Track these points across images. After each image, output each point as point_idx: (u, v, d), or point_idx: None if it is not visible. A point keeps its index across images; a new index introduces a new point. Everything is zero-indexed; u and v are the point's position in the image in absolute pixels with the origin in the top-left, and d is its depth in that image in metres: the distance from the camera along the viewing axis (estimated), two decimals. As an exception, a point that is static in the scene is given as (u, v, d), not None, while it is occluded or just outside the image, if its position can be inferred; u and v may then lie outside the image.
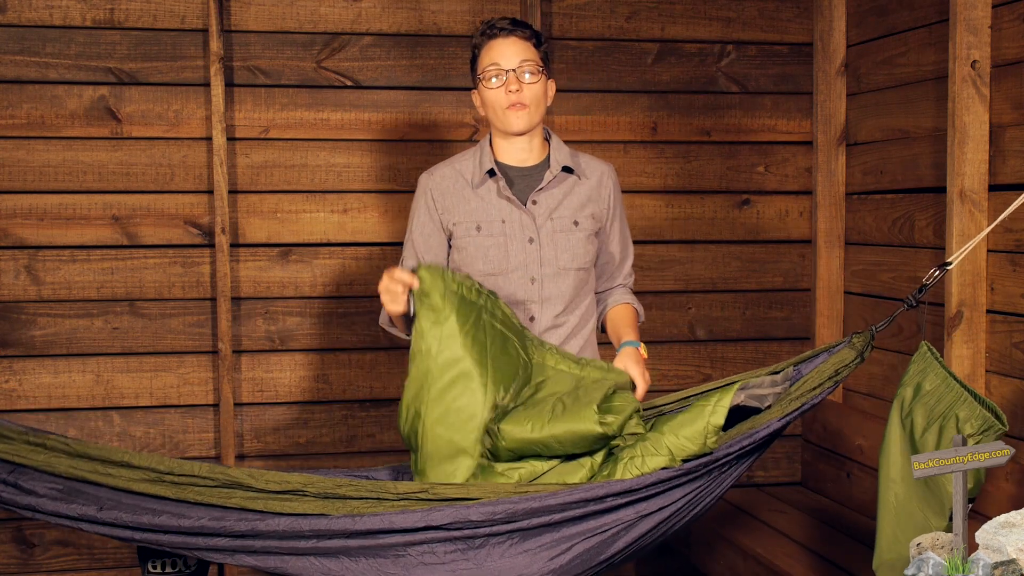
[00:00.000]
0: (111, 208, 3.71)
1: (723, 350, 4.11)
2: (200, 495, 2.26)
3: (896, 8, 3.67)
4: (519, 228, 2.67)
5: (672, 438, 2.27)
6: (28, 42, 3.64)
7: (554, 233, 2.68)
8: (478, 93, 2.70)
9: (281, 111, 3.79)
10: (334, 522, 2.18)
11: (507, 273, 2.67)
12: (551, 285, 2.68)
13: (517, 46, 2.64)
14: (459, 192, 2.71)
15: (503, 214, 2.68)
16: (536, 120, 2.68)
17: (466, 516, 2.17)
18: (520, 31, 2.66)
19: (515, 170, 2.72)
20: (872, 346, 2.43)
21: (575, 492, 2.21)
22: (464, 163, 2.74)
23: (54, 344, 3.69)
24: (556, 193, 2.70)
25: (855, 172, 3.95)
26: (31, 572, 3.74)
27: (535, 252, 2.67)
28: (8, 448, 2.26)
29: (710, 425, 2.27)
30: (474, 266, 2.68)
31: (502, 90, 2.63)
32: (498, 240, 2.67)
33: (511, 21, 2.68)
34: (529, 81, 2.64)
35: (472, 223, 2.68)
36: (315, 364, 3.86)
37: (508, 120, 2.65)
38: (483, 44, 2.67)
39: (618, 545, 2.27)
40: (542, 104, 2.68)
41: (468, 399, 2.39)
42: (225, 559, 2.23)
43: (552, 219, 2.68)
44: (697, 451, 2.27)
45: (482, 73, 2.66)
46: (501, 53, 2.64)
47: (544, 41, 2.71)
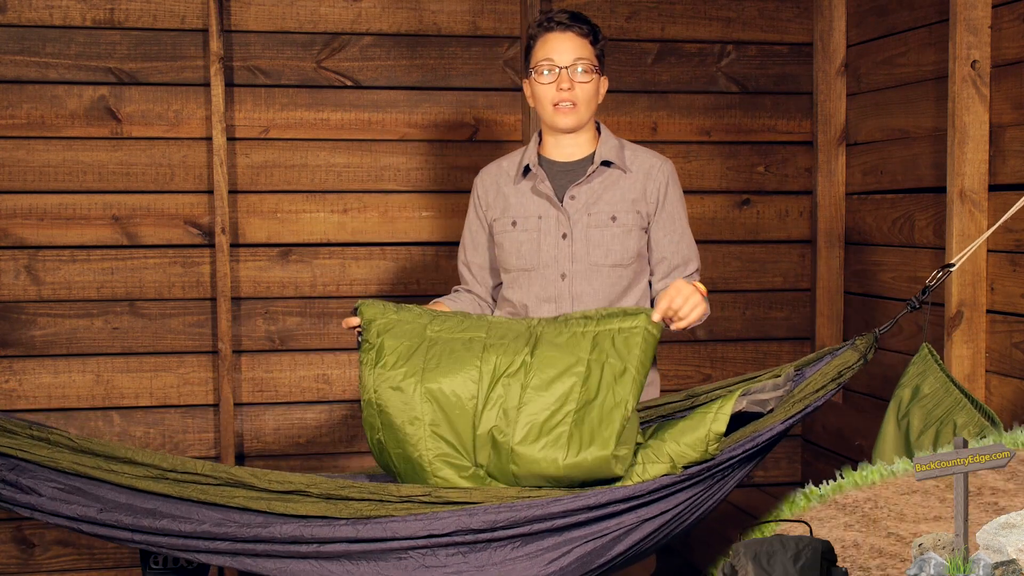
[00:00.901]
0: (111, 208, 3.71)
1: (723, 350, 4.11)
2: (203, 493, 2.25)
3: (896, 8, 3.67)
4: (554, 224, 2.65)
5: (673, 445, 2.25)
6: (28, 42, 3.63)
7: (588, 228, 2.64)
8: (529, 84, 2.68)
9: (281, 111, 3.79)
10: (337, 530, 2.17)
11: (538, 268, 2.66)
12: (582, 282, 2.63)
13: (573, 42, 2.61)
14: (500, 189, 2.71)
15: (540, 210, 2.66)
16: (585, 119, 2.65)
17: (467, 525, 2.17)
18: (578, 27, 2.62)
19: (559, 165, 2.70)
20: (875, 348, 2.41)
21: (578, 499, 2.21)
22: (511, 160, 2.75)
23: (54, 344, 3.69)
24: (596, 187, 2.67)
25: (855, 172, 3.95)
26: (31, 572, 3.74)
27: (567, 248, 2.64)
28: (11, 443, 2.25)
29: (711, 433, 2.24)
30: (508, 261, 2.69)
31: (553, 86, 2.61)
32: (532, 235, 2.66)
33: (570, 16, 2.64)
34: (581, 80, 2.61)
35: (509, 219, 2.69)
36: (315, 364, 3.86)
37: (556, 118, 2.63)
38: (539, 36, 2.64)
39: (618, 548, 2.26)
40: (593, 102, 2.66)
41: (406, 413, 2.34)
42: (226, 562, 2.22)
43: (589, 214, 2.64)
44: (698, 458, 2.25)
45: (535, 66, 2.63)
46: (556, 48, 2.61)
47: (601, 39, 2.67)
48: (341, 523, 2.19)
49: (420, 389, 2.32)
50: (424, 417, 2.31)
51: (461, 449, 2.31)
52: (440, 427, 2.31)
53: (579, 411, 2.26)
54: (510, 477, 2.29)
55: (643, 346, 2.30)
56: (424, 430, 2.31)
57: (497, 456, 2.29)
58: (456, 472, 2.31)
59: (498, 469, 2.30)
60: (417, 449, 2.31)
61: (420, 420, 2.31)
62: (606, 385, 2.28)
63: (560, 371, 2.30)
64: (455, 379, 2.31)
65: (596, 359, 2.30)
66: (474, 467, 2.32)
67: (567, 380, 2.29)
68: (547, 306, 2.65)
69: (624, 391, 2.26)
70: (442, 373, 2.32)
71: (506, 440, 2.27)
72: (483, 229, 2.77)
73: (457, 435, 2.31)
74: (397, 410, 2.33)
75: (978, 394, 3.18)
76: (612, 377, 2.28)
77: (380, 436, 2.36)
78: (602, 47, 2.68)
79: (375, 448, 2.40)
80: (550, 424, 2.26)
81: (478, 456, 2.31)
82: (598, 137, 2.72)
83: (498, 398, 2.30)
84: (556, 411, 2.27)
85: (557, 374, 2.30)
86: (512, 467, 2.27)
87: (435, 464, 2.31)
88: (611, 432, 2.22)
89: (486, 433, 2.29)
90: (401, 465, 2.37)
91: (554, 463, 2.24)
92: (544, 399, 2.28)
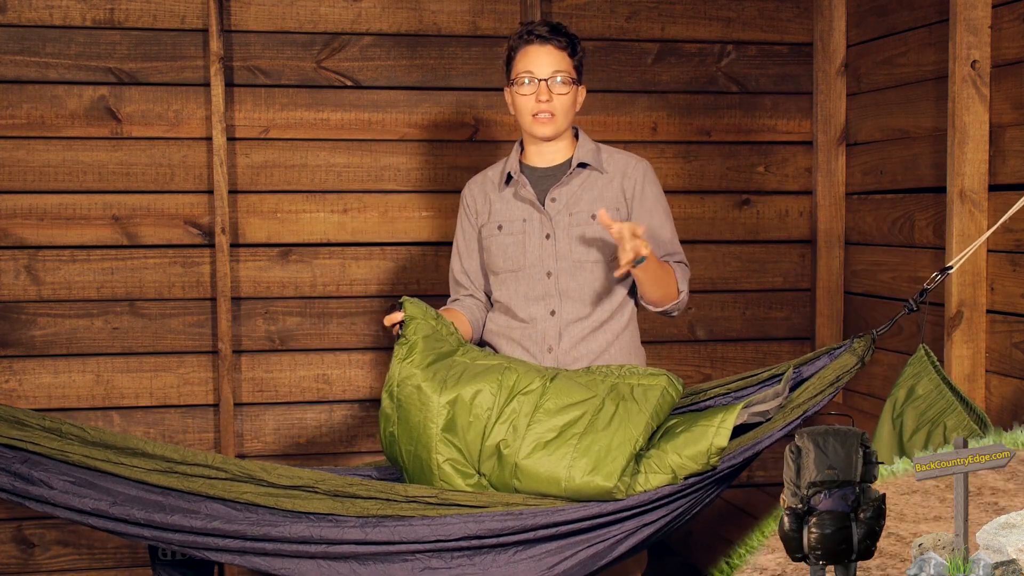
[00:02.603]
0: (111, 208, 3.71)
1: (723, 350, 4.11)
2: (211, 488, 2.27)
3: (896, 8, 3.67)
4: (538, 225, 2.72)
5: (675, 457, 2.29)
6: (28, 42, 3.63)
7: (570, 228, 2.71)
8: (509, 93, 2.75)
9: (281, 111, 3.79)
10: (346, 531, 2.21)
11: (525, 269, 2.72)
12: (568, 279, 2.70)
13: (552, 56, 2.68)
14: (487, 196, 2.80)
15: (524, 214, 2.74)
16: (563, 127, 2.73)
17: (474, 531, 2.22)
18: (556, 40, 2.69)
19: (540, 171, 2.77)
20: (873, 350, 2.43)
21: (582, 509, 2.26)
22: (495, 169, 2.84)
23: (54, 344, 3.69)
24: (575, 189, 2.73)
25: (855, 172, 3.95)
26: (31, 572, 3.74)
27: (551, 247, 2.71)
28: (24, 435, 2.26)
29: (714, 446, 2.28)
30: (496, 263, 2.76)
31: (532, 97, 2.68)
32: (517, 238, 2.73)
33: (550, 28, 2.70)
34: (559, 91, 2.68)
35: (495, 224, 2.76)
36: (315, 364, 3.86)
37: (534, 127, 2.71)
38: (519, 48, 2.71)
39: (619, 551, 2.32)
40: (571, 112, 2.73)
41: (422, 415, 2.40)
42: (235, 560, 2.24)
43: (571, 214, 2.71)
44: (700, 470, 2.29)
45: (515, 78, 2.70)
46: (535, 61, 2.68)
47: (579, 50, 2.74)
48: (349, 525, 2.22)
49: (441, 395, 2.37)
50: (439, 421, 2.36)
51: (468, 456, 2.36)
52: (453, 434, 2.36)
53: (585, 435, 2.31)
54: (511, 491, 2.33)
55: (660, 400, 2.38)
56: (437, 434, 2.36)
57: (500, 468, 2.33)
58: (462, 479, 2.36)
59: (500, 481, 2.34)
60: (428, 451, 2.36)
61: (435, 424, 2.36)
62: (619, 420, 2.33)
63: (575, 400, 2.37)
64: (475, 389, 2.38)
65: (612, 398, 2.37)
66: (477, 476, 2.36)
67: (580, 408, 2.36)
68: (536, 303, 2.71)
69: (636, 430, 2.31)
70: (464, 383, 2.39)
71: (511, 453, 2.32)
72: (475, 234, 2.84)
73: (466, 443, 2.36)
74: (415, 409, 2.38)
75: (978, 394, 3.18)
76: (626, 414, 2.33)
77: (394, 429, 2.42)
78: (580, 58, 2.74)
79: (386, 440, 2.45)
80: (555, 444, 2.31)
81: (482, 466, 2.36)
82: (576, 142, 2.79)
83: (511, 413, 2.36)
84: (563, 432, 2.32)
85: (572, 402, 2.37)
86: (515, 482, 2.32)
87: (443, 468, 2.36)
88: (617, 466, 2.26)
89: (493, 445, 2.34)
90: (409, 462, 2.41)
91: (556, 483, 2.29)
92: (553, 420, 2.34)
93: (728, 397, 2.52)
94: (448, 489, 2.33)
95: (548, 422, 2.33)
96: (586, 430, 2.31)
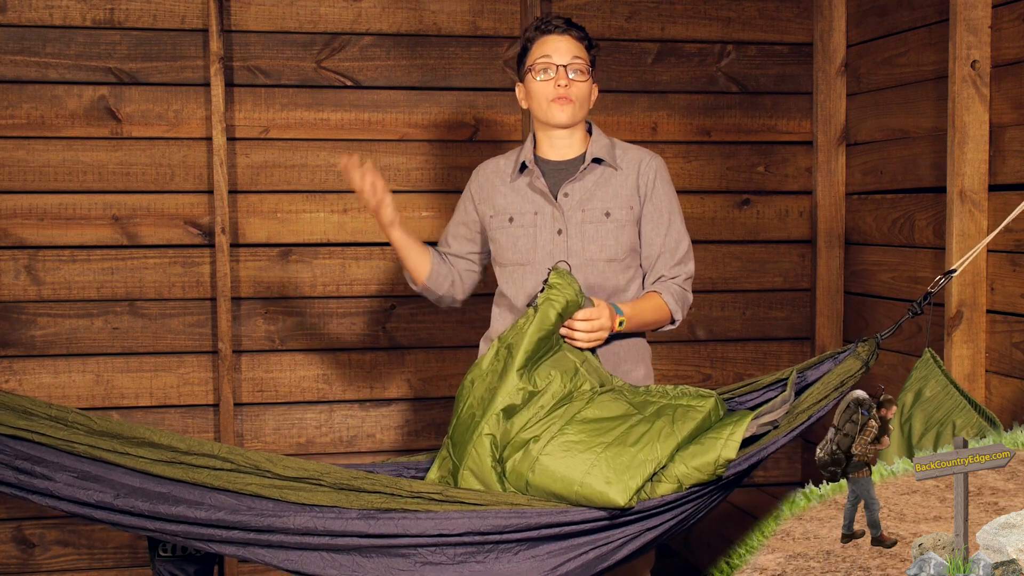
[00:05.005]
0: (111, 208, 3.71)
1: (723, 350, 4.11)
2: (216, 479, 2.27)
3: (896, 8, 3.67)
4: (550, 220, 2.72)
5: (682, 467, 2.28)
6: (28, 42, 3.63)
7: (583, 224, 2.70)
8: (523, 86, 2.76)
9: (281, 111, 3.79)
10: (349, 524, 2.21)
11: (534, 263, 2.71)
12: (578, 277, 2.67)
13: (570, 44, 2.70)
14: (497, 186, 2.79)
15: (536, 206, 2.73)
16: (580, 116, 2.73)
17: (478, 527, 2.22)
18: (574, 31, 2.72)
19: (553, 164, 2.76)
20: (877, 355, 2.43)
21: (587, 512, 2.26)
22: (508, 158, 2.84)
23: (54, 344, 3.69)
24: (588, 185, 2.73)
25: (855, 172, 3.95)
26: (31, 572, 3.74)
27: (562, 243, 2.70)
28: (30, 425, 2.25)
29: (721, 458, 2.28)
30: (504, 256, 2.76)
31: (551, 83, 2.68)
32: (528, 231, 2.72)
33: (566, 21, 2.74)
34: (577, 79, 2.69)
35: (506, 215, 2.76)
36: (315, 364, 3.86)
37: (552, 112, 2.70)
38: (536, 38, 2.73)
39: (621, 553, 2.32)
40: (586, 103, 2.73)
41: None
42: (238, 551, 2.24)
43: (583, 210, 2.71)
44: (706, 479, 2.29)
45: (532, 65, 2.71)
46: (554, 48, 2.70)
47: (595, 46, 2.77)
48: (353, 517, 2.23)
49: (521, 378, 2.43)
50: (504, 400, 2.41)
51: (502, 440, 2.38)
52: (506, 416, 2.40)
53: (612, 446, 2.30)
54: (522, 484, 2.33)
55: (699, 424, 2.36)
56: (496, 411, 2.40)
57: (521, 460, 2.33)
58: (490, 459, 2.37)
59: (514, 472, 2.34)
60: (482, 417, 2.41)
61: (500, 400, 2.40)
62: (648, 438, 2.32)
63: (614, 415, 2.38)
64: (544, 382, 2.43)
65: (649, 418, 2.37)
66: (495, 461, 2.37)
67: (615, 422, 2.36)
68: None
69: (663, 451, 2.30)
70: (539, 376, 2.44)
71: (536, 449, 2.33)
72: (469, 221, 2.85)
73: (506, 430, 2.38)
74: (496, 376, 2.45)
75: (978, 394, 3.18)
76: (656, 435, 2.32)
77: (473, 377, 2.50)
78: (594, 55, 2.76)
79: (466, 382, 2.51)
80: (579, 447, 2.31)
81: (505, 451, 2.36)
82: (589, 137, 2.78)
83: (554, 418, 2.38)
84: (591, 439, 2.32)
85: (610, 415, 2.38)
86: (529, 474, 2.31)
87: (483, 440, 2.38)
88: (634, 484, 2.26)
89: (524, 440, 2.35)
90: (465, 413, 2.46)
91: (569, 485, 2.27)
92: (586, 428, 2.35)
93: (732, 403, 2.51)
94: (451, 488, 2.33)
95: (580, 428, 2.34)
96: (614, 441, 2.30)
